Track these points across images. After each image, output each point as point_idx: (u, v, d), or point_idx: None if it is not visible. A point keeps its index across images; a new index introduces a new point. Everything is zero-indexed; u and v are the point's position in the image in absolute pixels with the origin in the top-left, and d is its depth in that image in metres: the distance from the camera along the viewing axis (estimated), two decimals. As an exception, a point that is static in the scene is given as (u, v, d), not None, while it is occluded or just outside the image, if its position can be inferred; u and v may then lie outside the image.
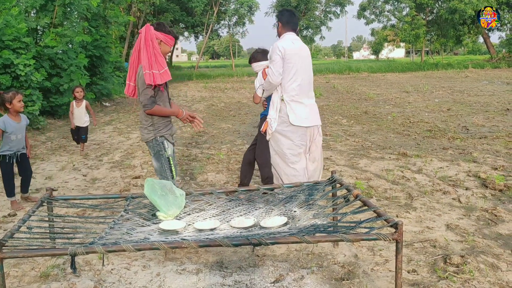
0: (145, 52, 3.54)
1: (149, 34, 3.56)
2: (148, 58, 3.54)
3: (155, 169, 3.88)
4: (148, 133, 3.74)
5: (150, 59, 3.54)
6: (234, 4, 37.52)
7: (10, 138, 4.70)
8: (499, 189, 4.97)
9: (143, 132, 3.78)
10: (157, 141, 3.75)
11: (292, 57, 4.37)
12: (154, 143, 3.76)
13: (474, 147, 7.18)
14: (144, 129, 3.75)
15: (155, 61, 3.55)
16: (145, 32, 3.56)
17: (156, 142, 3.75)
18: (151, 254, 3.56)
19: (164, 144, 3.78)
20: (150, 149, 3.82)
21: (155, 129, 3.74)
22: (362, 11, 41.06)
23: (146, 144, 3.85)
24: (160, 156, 3.79)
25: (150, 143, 3.78)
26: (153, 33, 3.56)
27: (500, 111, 10.98)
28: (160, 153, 3.79)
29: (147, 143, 3.80)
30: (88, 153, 7.55)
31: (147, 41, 3.56)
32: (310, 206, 3.18)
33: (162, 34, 3.60)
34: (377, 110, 11.93)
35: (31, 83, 9.63)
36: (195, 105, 14.57)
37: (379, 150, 7.16)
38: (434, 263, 3.31)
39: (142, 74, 3.54)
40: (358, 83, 22.07)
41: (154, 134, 3.73)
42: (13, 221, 4.37)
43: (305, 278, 3.14)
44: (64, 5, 11.50)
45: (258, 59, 4.93)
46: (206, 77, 29.75)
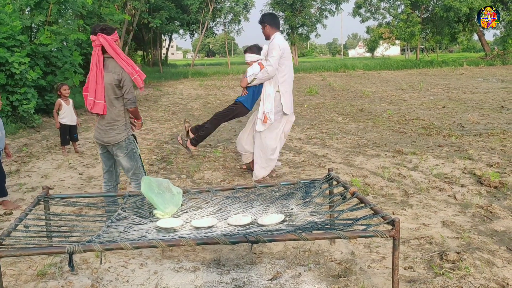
0: (120, 60, 3.76)
1: (108, 43, 3.72)
2: (128, 64, 3.77)
3: (127, 169, 3.95)
4: (120, 133, 3.85)
5: (128, 64, 3.77)
6: (230, 2, 37.41)
7: None
8: (494, 186, 5.00)
9: (112, 134, 3.84)
10: (130, 139, 3.92)
11: (287, 54, 5.31)
12: (127, 142, 3.89)
13: (469, 144, 7.21)
14: (115, 129, 3.84)
15: (132, 63, 3.81)
16: (106, 43, 3.71)
17: (129, 141, 3.90)
18: (148, 252, 3.56)
19: (135, 142, 3.97)
20: (121, 150, 3.89)
21: (127, 128, 3.90)
22: (358, 9, 41.03)
23: (115, 146, 3.88)
24: (133, 154, 3.94)
25: (123, 143, 3.87)
26: (109, 39, 3.73)
27: (495, 109, 11.04)
28: (133, 151, 3.94)
29: (118, 144, 3.86)
30: (84, 151, 7.53)
31: (115, 49, 3.74)
32: (307, 203, 3.19)
33: (113, 35, 3.77)
34: (373, 108, 11.96)
35: (26, 81, 9.59)
36: (191, 103, 14.54)
37: (375, 148, 7.19)
38: (430, 259, 3.33)
39: (128, 78, 3.77)
40: (354, 80, 22.10)
41: (126, 133, 3.89)
42: (10, 220, 4.36)
43: (302, 275, 3.15)
44: (59, 3, 11.43)
45: (253, 51, 5.62)
46: (202, 75, 29.69)
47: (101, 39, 3.70)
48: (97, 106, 3.79)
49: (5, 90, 9.38)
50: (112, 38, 3.75)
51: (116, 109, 3.84)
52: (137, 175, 3.96)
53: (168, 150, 7.39)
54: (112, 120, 3.84)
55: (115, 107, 3.83)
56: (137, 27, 26.97)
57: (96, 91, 3.76)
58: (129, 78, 3.77)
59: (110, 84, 3.76)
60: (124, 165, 3.93)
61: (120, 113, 3.86)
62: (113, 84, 3.76)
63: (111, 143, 3.85)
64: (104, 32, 3.72)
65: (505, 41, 34.43)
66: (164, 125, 10.13)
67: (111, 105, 3.82)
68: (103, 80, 3.75)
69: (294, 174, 5.81)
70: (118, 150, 3.88)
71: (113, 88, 3.77)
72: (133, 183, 3.99)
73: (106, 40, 3.70)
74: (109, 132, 3.84)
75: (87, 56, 13.92)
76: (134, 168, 3.94)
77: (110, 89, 3.77)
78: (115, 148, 3.88)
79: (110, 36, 3.74)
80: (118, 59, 3.76)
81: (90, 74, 3.80)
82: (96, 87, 3.76)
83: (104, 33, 3.72)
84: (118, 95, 3.81)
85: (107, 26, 3.80)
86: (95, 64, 3.75)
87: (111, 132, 3.84)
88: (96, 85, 3.75)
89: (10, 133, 8.79)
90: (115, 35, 3.80)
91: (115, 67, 3.76)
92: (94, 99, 3.78)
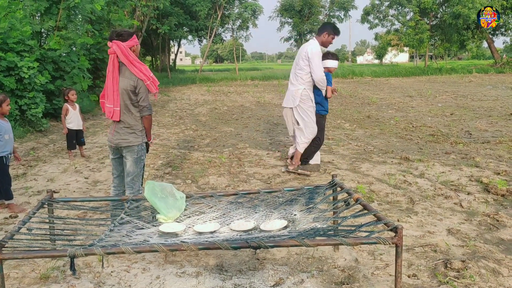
0: (133, 67, 3.76)
1: (123, 49, 3.72)
2: (140, 71, 3.77)
3: (128, 173, 3.94)
4: (137, 138, 3.88)
5: (141, 70, 3.77)
6: (238, 8, 37.57)
7: (4, 138, 4.73)
8: (501, 194, 4.95)
9: (129, 137, 3.86)
10: (143, 146, 3.94)
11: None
12: (139, 148, 3.91)
13: (477, 151, 7.15)
14: (132, 133, 3.87)
15: (146, 69, 3.81)
16: (119, 50, 3.71)
17: (141, 147, 3.93)
18: (151, 257, 3.56)
19: (145, 151, 4.00)
20: (131, 154, 3.89)
21: (142, 135, 3.92)
22: (366, 16, 41.07)
23: (126, 149, 3.89)
24: (140, 161, 3.95)
25: (135, 148, 3.88)
26: (123, 46, 3.72)
27: (504, 116, 10.95)
28: (141, 158, 3.95)
29: (130, 147, 3.87)
30: (90, 155, 7.57)
31: (128, 57, 3.73)
32: (310, 209, 3.18)
33: (129, 41, 3.76)
34: (380, 115, 11.91)
35: (35, 86, 9.68)
36: (198, 109, 14.59)
37: (381, 155, 7.15)
38: (434, 267, 3.30)
39: (143, 85, 3.78)
40: (361, 87, 22.06)
41: (142, 140, 3.91)
42: (15, 223, 4.38)
43: (305, 282, 3.13)
44: (69, 8, 11.56)
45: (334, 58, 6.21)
46: (210, 80, 29.80)
47: (114, 46, 3.71)
48: (116, 113, 3.82)
49: (14, 94, 9.47)
50: (128, 45, 3.74)
51: (132, 115, 3.85)
52: (134, 183, 3.95)
53: (174, 155, 7.41)
54: (129, 125, 3.86)
55: (131, 113, 3.85)
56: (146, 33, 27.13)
57: (114, 98, 3.79)
58: (144, 85, 3.79)
59: (126, 90, 3.77)
60: (128, 169, 3.94)
61: (137, 118, 3.88)
62: (128, 90, 3.77)
63: (123, 145, 3.87)
64: (120, 39, 3.73)
65: (515, 48, 34.23)
66: (171, 130, 10.16)
67: (128, 110, 3.83)
68: (118, 87, 3.77)
69: (299, 180, 5.80)
70: (128, 153, 3.90)
71: (128, 94, 3.79)
72: (128, 190, 3.97)
73: (119, 48, 3.70)
74: (126, 136, 3.87)
75: (96, 61, 14.04)
76: (135, 175, 3.94)
77: (125, 94, 3.78)
78: (126, 151, 3.90)
79: (126, 42, 3.74)
80: (130, 66, 3.75)
81: (107, 81, 3.81)
82: (114, 94, 3.78)
83: (120, 39, 3.72)
84: (133, 101, 3.83)
85: (124, 32, 3.80)
86: (111, 71, 3.76)
87: (129, 134, 3.87)
88: (113, 92, 3.77)
89: (18, 137, 8.87)
90: (132, 41, 3.78)
91: (131, 73, 3.77)
92: (113, 107, 3.81)
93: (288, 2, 42.02)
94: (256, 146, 8.17)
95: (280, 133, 9.56)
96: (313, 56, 5.78)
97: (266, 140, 8.74)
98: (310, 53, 5.81)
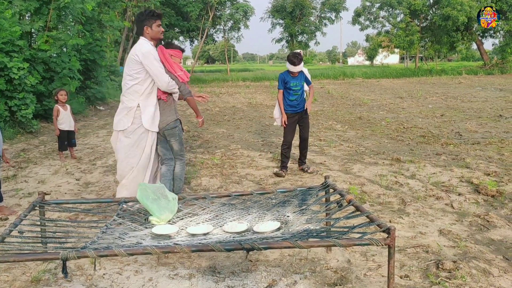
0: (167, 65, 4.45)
1: (163, 53, 4.45)
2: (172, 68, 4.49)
3: (176, 151, 4.62)
4: (171, 115, 4.50)
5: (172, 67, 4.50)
6: (230, 9, 37.50)
7: None
8: (492, 195, 4.99)
9: (167, 116, 4.47)
10: (178, 122, 4.61)
11: None
12: (176, 124, 4.53)
13: (467, 152, 7.22)
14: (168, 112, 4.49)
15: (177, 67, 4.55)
16: (161, 54, 4.42)
17: (178, 123, 4.59)
18: (143, 259, 3.55)
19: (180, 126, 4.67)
20: (171, 132, 4.50)
21: (176, 112, 4.60)
22: (357, 17, 41.27)
23: (165, 130, 4.47)
24: (180, 138, 4.61)
25: (172, 124, 4.50)
26: (166, 51, 4.49)
27: (493, 117, 11.06)
28: (180, 135, 4.61)
29: (168, 125, 4.46)
30: (82, 157, 7.52)
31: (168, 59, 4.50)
32: (303, 211, 3.18)
33: (171, 50, 4.56)
34: (371, 116, 11.97)
35: (25, 87, 9.58)
36: (190, 109, 14.53)
37: (373, 156, 7.19)
38: (426, 268, 3.32)
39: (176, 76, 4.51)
40: (353, 88, 22.16)
41: (176, 116, 4.56)
42: (5, 225, 4.34)
43: (298, 283, 3.14)
44: (59, 9, 11.45)
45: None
46: (201, 81, 29.75)
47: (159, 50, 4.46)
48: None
49: (3, 95, 9.37)
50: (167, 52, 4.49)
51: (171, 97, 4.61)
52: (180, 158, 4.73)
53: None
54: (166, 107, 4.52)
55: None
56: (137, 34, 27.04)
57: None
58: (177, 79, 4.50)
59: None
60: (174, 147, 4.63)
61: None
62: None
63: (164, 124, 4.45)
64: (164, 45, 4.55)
65: (504, 50, 34.64)
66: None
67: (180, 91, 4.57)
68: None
69: (292, 182, 5.81)
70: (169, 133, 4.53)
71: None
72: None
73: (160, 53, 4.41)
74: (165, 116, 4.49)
75: (86, 62, 13.93)
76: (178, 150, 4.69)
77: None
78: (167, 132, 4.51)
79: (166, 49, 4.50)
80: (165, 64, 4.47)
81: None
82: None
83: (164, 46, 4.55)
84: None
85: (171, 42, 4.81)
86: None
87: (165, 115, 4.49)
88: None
89: (8, 138, 8.78)
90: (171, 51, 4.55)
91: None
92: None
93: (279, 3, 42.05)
94: (248, 147, 8.17)
95: (272, 134, 9.57)
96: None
97: (258, 141, 8.74)
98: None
